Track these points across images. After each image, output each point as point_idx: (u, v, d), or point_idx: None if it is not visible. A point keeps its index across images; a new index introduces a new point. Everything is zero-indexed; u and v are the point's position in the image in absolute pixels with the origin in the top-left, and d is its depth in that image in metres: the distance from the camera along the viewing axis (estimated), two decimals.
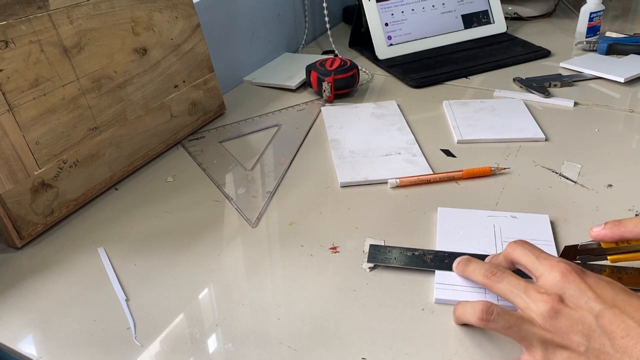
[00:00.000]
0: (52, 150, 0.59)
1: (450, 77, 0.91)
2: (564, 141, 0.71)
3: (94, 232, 0.60)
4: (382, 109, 0.82)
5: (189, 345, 0.45)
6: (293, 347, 0.44)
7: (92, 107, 0.63)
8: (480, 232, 0.55)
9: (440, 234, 0.55)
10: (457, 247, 0.53)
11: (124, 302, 0.50)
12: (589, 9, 1.03)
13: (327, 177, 0.67)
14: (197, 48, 0.77)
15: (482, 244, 0.53)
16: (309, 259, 0.54)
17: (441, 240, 0.54)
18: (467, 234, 0.55)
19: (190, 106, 0.77)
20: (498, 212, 0.58)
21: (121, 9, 0.66)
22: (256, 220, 0.60)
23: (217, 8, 0.87)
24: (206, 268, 0.54)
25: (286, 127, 0.80)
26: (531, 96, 0.83)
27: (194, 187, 0.67)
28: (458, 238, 0.54)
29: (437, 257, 0.51)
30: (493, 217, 0.57)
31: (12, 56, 0.55)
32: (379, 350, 0.44)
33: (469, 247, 0.53)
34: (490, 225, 0.56)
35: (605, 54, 0.96)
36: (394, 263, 0.51)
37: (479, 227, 0.55)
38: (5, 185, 0.55)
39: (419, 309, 0.47)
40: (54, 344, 0.46)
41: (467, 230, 0.55)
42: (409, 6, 1.01)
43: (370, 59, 1.01)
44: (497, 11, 1.06)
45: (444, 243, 0.54)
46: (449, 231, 0.55)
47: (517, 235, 0.53)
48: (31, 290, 0.52)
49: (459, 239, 0.54)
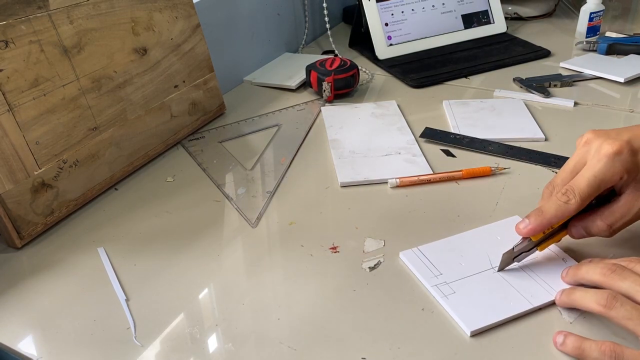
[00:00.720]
0: (52, 150, 0.59)
1: (450, 77, 0.91)
2: (564, 141, 0.71)
3: (94, 232, 0.60)
4: (382, 109, 0.82)
5: (189, 345, 0.45)
6: (293, 347, 0.44)
7: (92, 107, 0.63)
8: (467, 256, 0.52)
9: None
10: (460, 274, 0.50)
11: (124, 302, 0.50)
12: (589, 9, 1.03)
13: (327, 177, 0.67)
14: (197, 48, 0.77)
15: (479, 263, 0.51)
16: (309, 259, 0.54)
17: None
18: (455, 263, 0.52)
19: (190, 106, 0.77)
20: (460, 234, 0.55)
21: (121, 9, 0.66)
22: (256, 220, 0.60)
23: (217, 8, 0.87)
24: (206, 268, 0.54)
25: (286, 127, 0.80)
26: (531, 96, 0.83)
27: (194, 187, 0.67)
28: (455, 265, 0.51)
29: None
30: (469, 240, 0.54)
31: (12, 56, 0.55)
32: (379, 350, 0.44)
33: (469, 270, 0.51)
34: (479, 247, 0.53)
35: (605, 54, 0.96)
36: None
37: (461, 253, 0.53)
38: (5, 185, 0.55)
39: (419, 309, 0.47)
40: (54, 344, 0.46)
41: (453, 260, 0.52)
42: (409, 6, 1.01)
43: (370, 59, 1.01)
44: (497, 11, 1.06)
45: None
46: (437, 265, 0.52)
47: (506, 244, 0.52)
48: (31, 290, 0.52)
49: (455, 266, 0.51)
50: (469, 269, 0.50)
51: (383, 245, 0.55)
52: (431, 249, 0.53)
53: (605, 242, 0.53)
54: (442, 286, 0.49)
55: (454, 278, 0.49)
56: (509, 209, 0.59)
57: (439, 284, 0.49)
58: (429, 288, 0.49)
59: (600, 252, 0.52)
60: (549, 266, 0.50)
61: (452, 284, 0.49)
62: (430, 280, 0.49)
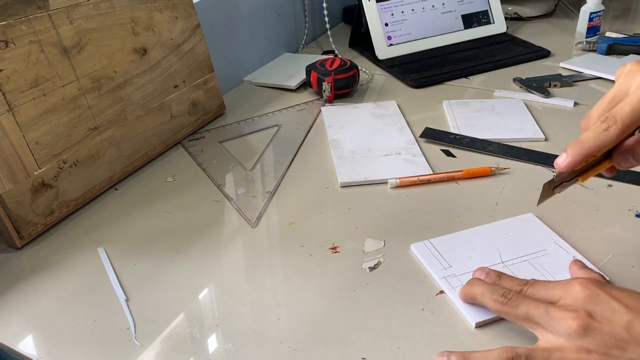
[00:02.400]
0: (52, 150, 0.59)
1: (450, 77, 0.91)
2: (564, 141, 0.71)
3: (94, 232, 0.60)
4: (382, 109, 0.82)
5: (189, 345, 0.45)
6: (293, 347, 0.44)
7: (92, 107, 0.63)
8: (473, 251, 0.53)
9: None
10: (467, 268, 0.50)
11: (124, 302, 0.50)
12: (589, 9, 1.03)
13: (327, 177, 0.67)
14: (197, 48, 0.77)
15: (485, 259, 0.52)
16: (309, 259, 0.54)
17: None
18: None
19: (190, 106, 0.77)
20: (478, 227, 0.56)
21: (121, 9, 0.66)
22: (256, 220, 0.60)
23: (217, 8, 0.87)
24: (206, 268, 0.54)
25: (286, 127, 0.80)
26: (531, 96, 0.83)
27: (194, 187, 0.67)
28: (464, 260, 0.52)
29: None
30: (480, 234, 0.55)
31: (12, 56, 0.55)
32: (379, 350, 0.44)
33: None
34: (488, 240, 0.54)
35: (605, 54, 0.96)
36: None
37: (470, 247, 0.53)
38: (5, 185, 0.55)
39: (419, 309, 0.47)
40: (54, 344, 0.46)
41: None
42: (409, 6, 1.01)
43: (370, 59, 1.01)
44: (497, 11, 1.06)
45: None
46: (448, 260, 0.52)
47: (516, 245, 0.52)
48: (31, 290, 0.52)
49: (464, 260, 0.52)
50: (479, 263, 0.50)
51: (383, 245, 0.55)
52: (442, 242, 0.54)
53: (604, 243, 0.53)
54: (451, 278, 0.49)
55: (463, 271, 0.50)
56: (509, 209, 0.59)
57: (447, 276, 0.50)
58: (438, 280, 0.49)
59: (599, 254, 0.52)
60: (557, 261, 0.50)
61: (461, 276, 0.49)
62: (439, 272, 0.50)
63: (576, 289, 0.39)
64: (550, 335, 0.39)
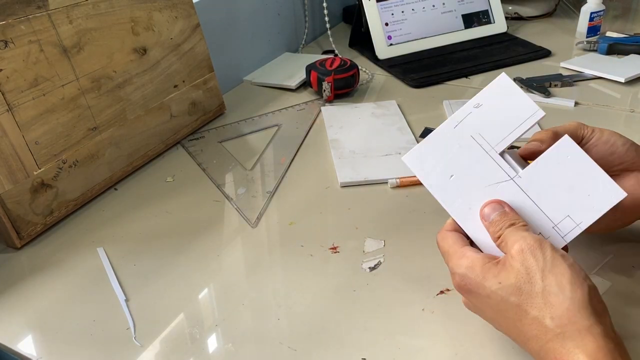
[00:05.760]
0: (52, 150, 0.59)
1: (450, 77, 0.91)
2: None
3: (94, 232, 0.60)
4: (382, 109, 0.82)
5: (189, 345, 0.45)
6: (293, 347, 0.44)
7: (92, 107, 0.63)
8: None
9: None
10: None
11: (123, 302, 0.50)
12: (589, 8, 1.03)
13: (327, 177, 0.67)
14: (196, 48, 0.77)
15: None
16: (309, 259, 0.54)
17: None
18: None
19: (190, 106, 0.77)
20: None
21: (121, 9, 0.66)
22: (256, 220, 0.60)
23: (217, 8, 0.87)
24: (206, 268, 0.54)
25: (286, 127, 0.80)
26: (531, 96, 0.83)
27: (194, 187, 0.67)
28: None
29: None
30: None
31: (11, 56, 0.55)
32: (379, 350, 0.44)
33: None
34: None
35: (605, 53, 0.96)
36: None
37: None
38: (5, 185, 0.55)
39: (419, 309, 0.47)
40: (54, 344, 0.46)
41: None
42: (409, 6, 1.01)
43: (370, 58, 1.01)
44: (498, 11, 1.06)
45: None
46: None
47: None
48: (31, 290, 0.52)
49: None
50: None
51: (383, 246, 0.55)
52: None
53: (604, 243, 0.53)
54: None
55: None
56: None
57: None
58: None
59: (599, 254, 0.52)
60: None
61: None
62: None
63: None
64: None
